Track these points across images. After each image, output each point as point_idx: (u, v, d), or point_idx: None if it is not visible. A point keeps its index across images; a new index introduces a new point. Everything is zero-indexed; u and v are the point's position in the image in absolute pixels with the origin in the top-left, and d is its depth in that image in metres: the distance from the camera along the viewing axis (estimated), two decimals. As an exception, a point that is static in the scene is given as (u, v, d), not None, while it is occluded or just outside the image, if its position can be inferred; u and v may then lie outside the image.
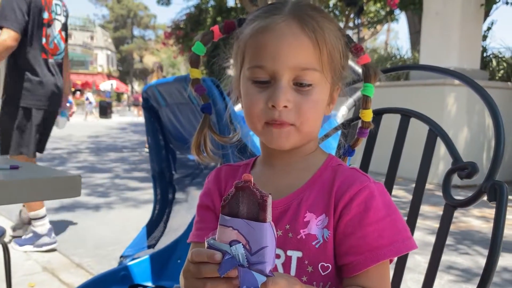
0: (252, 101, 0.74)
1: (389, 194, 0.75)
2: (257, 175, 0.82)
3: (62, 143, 9.96)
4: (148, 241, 2.35)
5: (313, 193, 0.74)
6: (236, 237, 0.55)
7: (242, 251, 0.54)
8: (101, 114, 22.98)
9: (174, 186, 2.45)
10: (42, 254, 2.92)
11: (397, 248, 0.70)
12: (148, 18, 64.16)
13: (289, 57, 0.71)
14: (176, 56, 17.16)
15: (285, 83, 0.72)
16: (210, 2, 14.88)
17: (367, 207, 0.70)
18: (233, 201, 0.56)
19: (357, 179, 0.73)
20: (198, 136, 0.83)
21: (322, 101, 0.76)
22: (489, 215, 4.32)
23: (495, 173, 0.76)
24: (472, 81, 0.83)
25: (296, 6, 0.75)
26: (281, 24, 0.73)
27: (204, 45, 0.82)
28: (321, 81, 0.74)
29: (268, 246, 0.54)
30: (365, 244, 0.69)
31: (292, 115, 0.72)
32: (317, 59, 0.73)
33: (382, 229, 0.70)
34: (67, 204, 4.21)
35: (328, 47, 0.73)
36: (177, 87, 1.91)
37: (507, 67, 7.39)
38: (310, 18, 0.73)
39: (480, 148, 6.17)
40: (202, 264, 0.57)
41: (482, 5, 6.55)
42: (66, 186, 1.00)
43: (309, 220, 0.72)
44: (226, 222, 0.56)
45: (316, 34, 0.72)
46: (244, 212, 0.55)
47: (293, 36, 0.72)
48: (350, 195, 0.71)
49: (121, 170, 6.53)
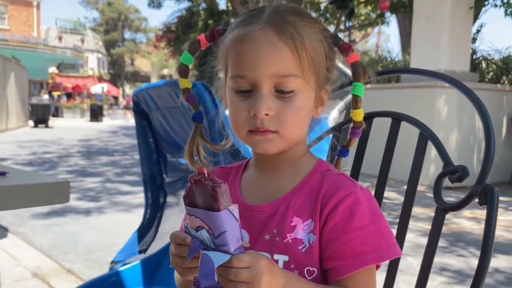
0: (236, 111, 0.75)
1: (375, 201, 0.75)
2: (248, 178, 0.83)
3: (52, 147, 9.89)
4: (139, 246, 2.33)
5: (300, 197, 0.75)
6: (199, 224, 0.61)
7: (207, 235, 0.61)
8: (92, 117, 22.84)
9: (165, 190, 2.44)
10: (32, 260, 2.88)
11: (380, 254, 0.70)
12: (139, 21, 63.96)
13: (268, 66, 0.71)
14: (167, 59, 17.14)
15: (266, 91, 0.72)
16: (202, 5, 14.88)
17: (352, 213, 0.71)
18: (191, 193, 0.62)
19: (344, 185, 0.73)
20: (190, 144, 0.84)
21: (305, 106, 0.76)
22: (480, 217, 4.35)
23: (485, 176, 0.76)
24: (462, 84, 0.83)
25: (273, 13, 0.74)
26: (258, 33, 0.72)
27: (192, 55, 0.83)
28: (303, 87, 0.74)
29: (227, 231, 0.60)
30: (349, 249, 0.70)
31: (274, 123, 0.73)
32: (297, 65, 0.72)
33: (366, 235, 0.70)
34: (58, 209, 4.17)
35: (309, 52, 0.73)
36: (168, 90, 1.90)
37: (496, 69, 7.47)
38: (288, 24, 0.72)
39: (470, 150, 6.22)
40: (178, 245, 0.65)
41: (471, 8, 6.62)
42: (55, 192, 0.98)
43: (296, 225, 0.73)
44: (189, 212, 0.63)
45: (294, 40, 0.72)
46: (201, 202, 0.61)
47: (270, 45, 0.72)
48: (336, 200, 0.72)
49: (112, 174, 6.49)
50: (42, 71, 31.09)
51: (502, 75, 7.38)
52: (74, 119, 25.17)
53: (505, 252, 3.28)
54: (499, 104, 6.49)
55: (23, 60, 18.87)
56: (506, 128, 6.58)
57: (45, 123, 17.19)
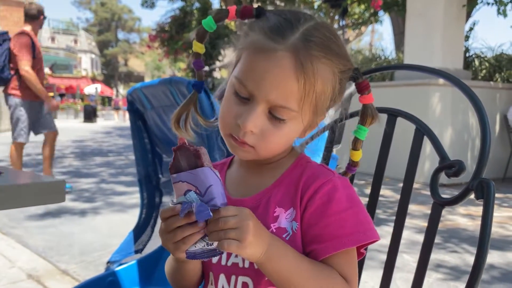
0: (227, 110, 0.76)
1: (353, 188, 0.78)
2: (232, 174, 0.86)
3: (46, 148, 9.83)
4: (135, 246, 2.32)
5: (281, 189, 0.78)
6: (187, 188, 0.66)
7: (195, 195, 0.65)
8: (85, 118, 22.74)
9: (161, 190, 2.43)
10: (27, 261, 2.87)
11: (357, 238, 0.72)
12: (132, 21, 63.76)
13: (270, 90, 0.71)
14: (161, 59, 17.08)
15: (260, 109, 0.72)
16: (195, 5, 14.85)
17: (330, 199, 0.73)
18: (175, 161, 0.68)
19: (322, 173, 0.77)
20: (181, 109, 0.84)
21: (293, 134, 0.77)
22: (474, 213, 4.38)
23: (482, 171, 0.76)
24: (459, 81, 0.83)
25: (302, 39, 0.71)
26: (277, 55, 0.70)
27: (216, 22, 0.79)
28: (296, 118, 0.74)
29: (213, 185, 0.65)
30: (327, 233, 0.72)
31: (255, 140, 0.74)
32: (298, 100, 0.72)
33: (343, 219, 0.73)
34: (53, 210, 4.15)
35: (316, 94, 0.72)
36: (163, 89, 1.90)
37: (489, 67, 7.51)
38: (310, 60, 0.70)
39: (464, 147, 6.25)
40: (169, 219, 0.67)
41: (464, 6, 6.65)
42: (50, 192, 0.98)
43: (279, 215, 0.75)
44: (175, 179, 0.67)
45: (307, 79, 0.70)
46: (185, 165, 0.67)
47: (282, 73, 0.70)
48: (314, 188, 0.74)
49: (107, 175, 6.46)
50: (35, 72, 30.90)
51: (495, 72, 7.43)
52: (68, 120, 25.05)
53: (500, 248, 3.30)
54: (492, 102, 6.53)
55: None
56: (499, 125, 6.63)
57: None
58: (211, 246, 0.66)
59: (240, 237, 0.64)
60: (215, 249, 0.66)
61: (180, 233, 0.66)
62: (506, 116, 6.46)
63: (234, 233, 0.64)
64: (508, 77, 7.23)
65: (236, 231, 0.64)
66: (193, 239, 0.66)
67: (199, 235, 0.66)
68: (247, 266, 0.76)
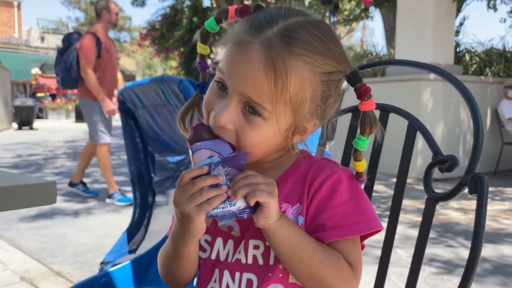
0: (208, 101, 0.75)
1: (356, 180, 0.78)
2: None
3: (38, 149, 9.75)
4: (129, 246, 2.31)
5: (287, 185, 0.77)
6: (209, 154, 0.68)
7: (219, 159, 0.67)
8: (77, 118, 22.58)
9: (153, 189, 2.42)
10: (19, 263, 2.84)
11: (360, 227, 0.73)
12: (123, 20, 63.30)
13: (240, 82, 0.69)
14: (152, 57, 16.99)
15: (233, 103, 0.70)
16: (186, 3, 14.78)
17: (334, 191, 0.74)
18: (197, 134, 0.71)
19: (327, 166, 0.77)
20: (185, 110, 0.84)
21: (269, 136, 0.72)
22: (467, 207, 4.41)
23: (475, 166, 0.77)
24: (452, 76, 0.83)
25: (279, 34, 0.68)
26: (251, 48, 0.68)
27: (217, 23, 0.79)
28: (271, 119, 0.70)
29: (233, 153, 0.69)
30: (331, 223, 0.73)
31: (232, 137, 0.72)
32: (269, 99, 0.68)
33: (346, 209, 0.73)
34: (45, 211, 4.12)
35: (290, 92, 0.68)
36: (154, 88, 1.89)
37: (479, 62, 7.56)
38: (283, 55, 0.67)
39: (456, 141, 6.29)
40: (196, 178, 0.67)
41: (454, 1, 6.68)
42: (41, 194, 0.96)
43: (285, 210, 0.75)
44: (198, 147, 0.69)
45: (278, 76, 0.67)
46: (207, 136, 0.71)
47: (251, 66, 0.68)
48: (319, 181, 0.75)
49: (99, 175, 6.41)
50: (25, 72, 30.60)
51: (486, 67, 7.48)
52: (59, 120, 24.86)
53: (492, 241, 3.33)
54: (483, 96, 6.57)
55: (4, 62, 18.56)
56: (490, 119, 6.67)
57: (29, 125, 16.94)
58: (233, 207, 0.67)
59: (270, 189, 0.67)
60: (235, 211, 0.67)
61: (206, 193, 0.66)
62: (496, 110, 6.51)
63: (264, 185, 0.67)
64: (498, 72, 7.29)
65: (266, 184, 0.67)
66: (218, 200, 0.66)
67: (222, 197, 0.67)
68: (250, 262, 0.76)
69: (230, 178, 0.67)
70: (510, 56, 7.48)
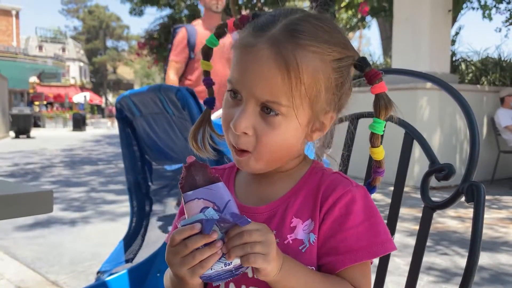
0: (224, 114, 0.74)
1: (370, 198, 0.75)
2: (242, 180, 0.82)
3: (35, 157, 9.72)
4: (125, 255, 2.30)
5: (298, 199, 0.75)
6: (204, 205, 0.63)
7: (214, 212, 0.62)
8: (74, 127, 22.55)
9: (151, 198, 2.41)
10: (15, 273, 2.82)
11: (375, 250, 0.71)
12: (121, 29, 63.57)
13: (254, 86, 0.69)
14: (150, 66, 17.03)
15: (250, 108, 0.70)
16: (184, 12, 14.85)
17: (348, 211, 0.71)
18: (188, 178, 0.65)
19: (341, 183, 0.74)
20: (195, 127, 0.82)
21: (290, 133, 0.71)
22: (464, 215, 4.41)
23: (471, 174, 0.77)
24: (449, 85, 0.84)
25: (283, 30, 0.69)
26: (257, 49, 0.69)
27: (217, 38, 0.80)
28: (290, 114, 0.70)
29: (231, 200, 0.64)
30: (344, 246, 0.71)
31: (250, 143, 0.71)
32: (286, 93, 0.68)
33: (361, 232, 0.71)
34: (42, 220, 4.09)
35: (304, 83, 0.68)
36: (151, 96, 1.89)
37: (475, 70, 7.61)
38: (292, 48, 0.67)
39: (452, 150, 6.30)
40: (187, 239, 0.62)
41: (450, 11, 6.74)
42: (37, 202, 0.96)
43: (296, 225, 0.73)
44: (190, 196, 0.64)
45: (290, 69, 0.67)
46: (201, 181, 0.65)
47: (263, 66, 0.68)
48: (333, 199, 0.72)
49: (96, 184, 6.40)
50: (23, 81, 30.62)
51: (481, 76, 7.53)
52: (57, 128, 24.82)
53: (489, 249, 3.33)
54: (479, 105, 6.60)
55: (2, 70, 18.57)
56: (486, 128, 6.70)
57: (26, 133, 16.91)
58: (228, 266, 0.63)
59: (266, 250, 0.62)
60: (232, 269, 0.63)
61: (199, 255, 0.62)
62: (493, 118, 6.54)
63: (260, 246, 0.62)
64: (494, 80, 7.33)
65: (262, 244, 0.62)
66: (211, 261, 0.62)
67: (217, 256, 0.62)
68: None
69: (225, 231, 0.63)
70: (505, 65, 7.54)
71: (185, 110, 1.67)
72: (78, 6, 64.59)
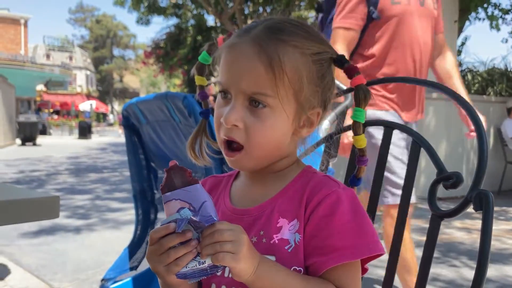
0: (216, 114, 0.78)
1: (358, 200, 0.75)
2: (238, 185, 0.85)
3: (40, 164, 9.77)
4: (130, 263, 2.29)
5: (285, 200, 0.76)
6: (180, 205, 0.66)
7: (189, 212, 0.65)
8: (80, 135, 22.67)
9: (156, 206, 2.41)
10: (19, 280, 2.82)
11: (360, 251, 0.71)
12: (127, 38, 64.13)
13: (239, 80, 0.73)
14: (156, 75, 17.16)
15: (238, 102, 0.74)
16: (190, 21, 14.97)
17: (333, 211, 0.72)
18: (168, 181, 0.68)
19: (326, 185, 0.75)
20: (193, 138, 0.86)
21: (279, 125, 0.75)
22: (471, 226, 4.37)
23: (480, 182, 0.76)
24: (455, 93, 0.83)
25: (264, 29, 0.75)
26: (241, 46, 0.74)
27: (210, 55, 0.84)
28: (277, 106, 0.73)
29: (207, 201, 0.66)
30: (328, 246, 0.71)
31: (242, 135, 0.74)
32: (270, 84, 0.72)
33: (346, 232, 0.71)
34: (46, 227, 4.10)
35: (287, 74, 0.72)
36: (158, 104, 1.90)
37: (481, 81, 7.59)
38: (272, 43, 0.72)
39: (459, 160, 6.27)
40: (162, 239, 0.65)
41: (456, 21, 6.74)
42: (44, 208, 0.97)
43: (282, 226, 0.74)
44: (169, 197, 0.67)
45: (271, 60, 0.71)
46: (179, 183, 0.67)
47: (246, 60, 0.73)
48: (318, 200, 0.73)
49: (101, 191, 6.41)
50: (30, 89, 30.85)
51: (488, 86, 7.50)
52: (63, 136, 24.96)
53: (496, 261, 3.29)
54: (486, 115, 6.57)
55: (10, 78, 18.73)
56: (493, 138, 6.66)
57: (32, 141, 17.01)
58: (203, 265, 0.66)
59: (236, 249, 0.64)
60: (206, 268, 0.66)
61: (174, 254, 0.65)
62: (499, 129, 6.51)
63: (230, 245, 0.64)
64: (501, 91, 7.31)
65: (232, 244, 0.65)
66: (186, 260, 0.65)
67: (192, 254, 0.65)
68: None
69: (201, 231, 0.65)
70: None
71: (192, 118, 1.68)
72: (86, 15, 65.29)
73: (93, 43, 61.91)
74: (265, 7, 11.91)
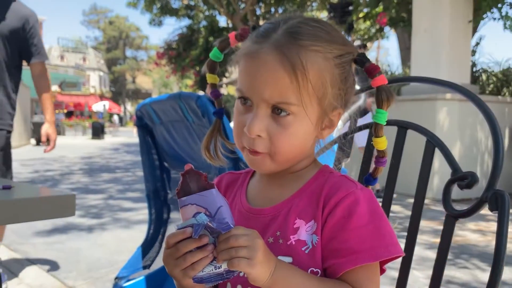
0: (237, 122, 0.77)
1: (376, 201, 0.74)
2: (255, 184, 0.85)
3: (54, 164, 9.89)
4: (143, 262, 2.31)
5: (303, 200, 0.76)
6: (196, 210, 0.66)
7: (205, 217, 0.65)
8: (93, 135, 22.89)
9: (169, 205, 2.43)
10: (34, 278, 2.86)
11: (378, 253, 0.70)
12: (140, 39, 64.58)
13: (263, 89, 0.71)
14: (168, 76, 17.25)
15: (261, 112, 0.72)
16: (202, 23, 15.04)
17: (351, 213, 0.71)
18: (184, 185, 0.68)
19: (344, 185, 0.74)
20: (207, 138, 0.86)
21: (302, 132, 0.74)
22: (485, 229, 4.31)
23: (495, 182, 0.75)
24: (471, 93, 0.83)
25: (285, 33, 0.72)
26: (262, 54, 0.72)
27: (221, 52, 0.83)
28: (300, 113, 0.72)
29: (223, 206, 0.66)
30: (346, 248, 0.70)
31: (265, 145, 0.73)
32: (295, 93, 0.71)
33: (364, 234, 0.70)
34: (60, 226, 4.15)
35: (311, 81, 0.71)
36: (171, 104, 1.91)
37: (496, 81, 7.49)
38: (295, 49, 0.71)
39: (473, 161, 6.20)
40: (179, 243, 0.66)
41: (470, 21, 6.67)
42: (60, 206, 0.98)
43: (299, 226, 0.74)
44: (184, 202, 0.67)
45: (295, 68, 0.70)
46: (195, 187, 0.67)
47: (270, 69, 0.71)
48: (335, 201, 0.72)
49: (114, 191, 6.47)
50: (44, 89, 31.17)
51: (503, 87, 7.41)
52: (76, 136, 25.22)
53: (511, 263, 3.25)
54: (501, 116, 6.49)
55: (25, 79, 18.94)
56: (508, 139, 6.58)
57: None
58: (219, 269, 0.66)
59: (251, 255, 0.64)
60: (222, 273, 0.66)
61: (190, 258, 0.65)
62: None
63: (245, 250, 0.64)
64: (516, 92, 7.21)
65: (247, 249, 0.64)
66: (202, 264, 0.65)
67: (208, 259, 0.66)
68: None
69: (217, 235, 0.66)
70: (527, 76, 7.41)
71: (205, 118, 1.68)
72: (99, 17, 65.90)
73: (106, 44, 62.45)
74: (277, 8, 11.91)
